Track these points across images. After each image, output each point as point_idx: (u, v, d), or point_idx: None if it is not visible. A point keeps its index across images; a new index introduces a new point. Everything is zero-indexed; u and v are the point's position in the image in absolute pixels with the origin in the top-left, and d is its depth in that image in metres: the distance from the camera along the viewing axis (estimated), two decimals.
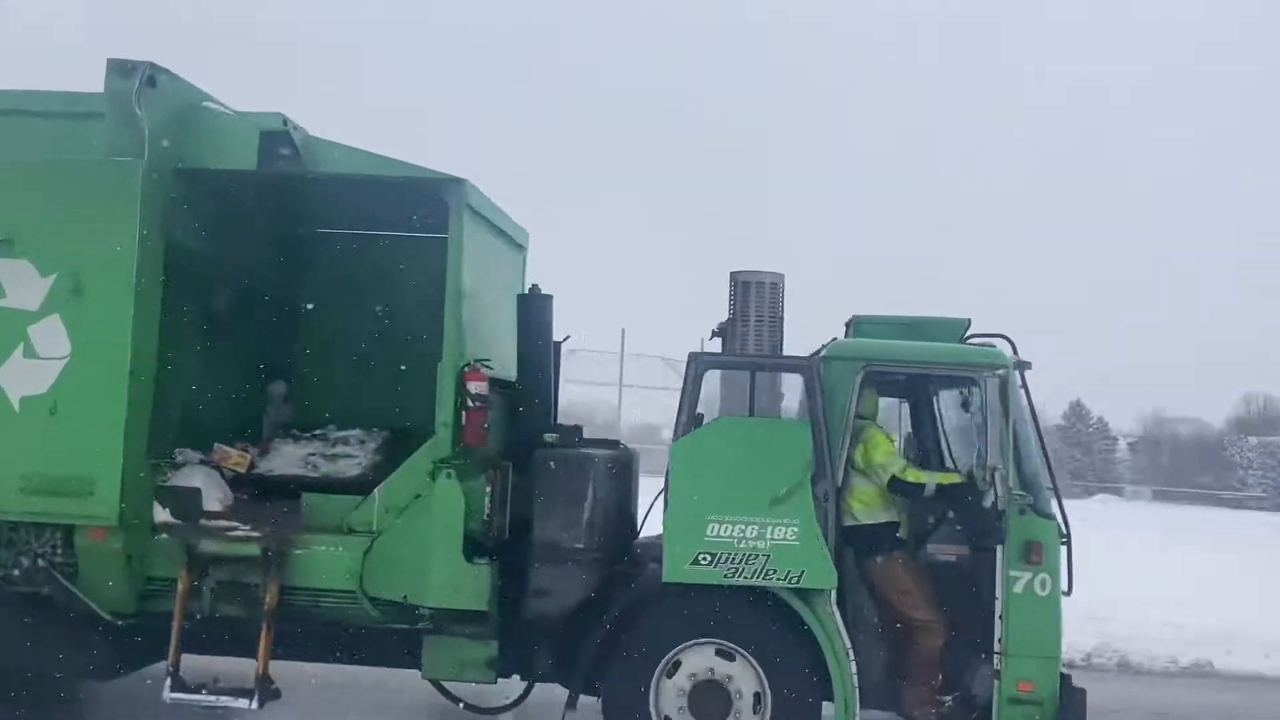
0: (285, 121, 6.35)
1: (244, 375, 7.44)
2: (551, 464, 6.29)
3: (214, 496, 6.38)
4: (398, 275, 7.50)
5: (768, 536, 5.89)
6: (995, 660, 5.96)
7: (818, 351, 6.47)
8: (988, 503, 5.91)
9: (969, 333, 6.57)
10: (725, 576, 5.91)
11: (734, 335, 6.64)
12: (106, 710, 7.27)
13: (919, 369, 6.45)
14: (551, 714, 6.39)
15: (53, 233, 6.09)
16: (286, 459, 6.92)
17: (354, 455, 6.89)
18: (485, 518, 6.22)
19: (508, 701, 6.77)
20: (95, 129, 6.25)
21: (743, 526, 5.92)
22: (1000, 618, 5.96)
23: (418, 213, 7.03)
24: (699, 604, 6.03)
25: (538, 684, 6.62)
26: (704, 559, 5.92)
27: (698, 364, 6.28)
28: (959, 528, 6.45)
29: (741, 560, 5.90)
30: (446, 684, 6.74)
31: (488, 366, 6.42)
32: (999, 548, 5.97)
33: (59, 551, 6.17)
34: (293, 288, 7.76)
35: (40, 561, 6.17)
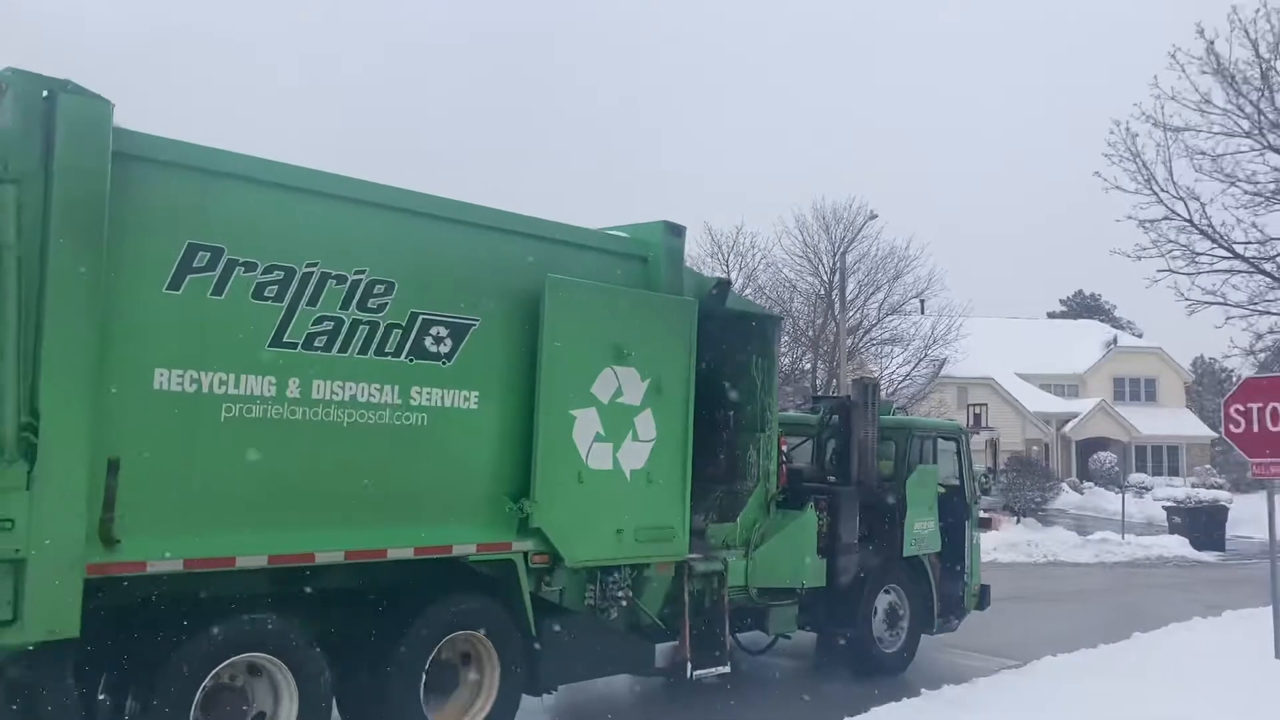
0: (727, 281, 9.26)
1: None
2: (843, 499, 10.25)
3: None
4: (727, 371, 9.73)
5: None
6: (965, 572, 11.76)
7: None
8: (966, 500, 11.72)
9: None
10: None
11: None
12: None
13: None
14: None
15: (647, 346, 8.22)
16: None
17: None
18: (822, 528, 9.98)
19: (763, 647, 10.42)
20: (616, 263, 8.41)
21: None
22: (968, 553, 11.80)
23: (749, 333, 9.73)
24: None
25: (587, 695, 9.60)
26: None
27: None
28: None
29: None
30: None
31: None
32: (968, 521, 11.81)
33: (628, 584, 8.30)
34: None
35: (618, 592, 8.23)
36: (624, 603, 8.27)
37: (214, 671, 6.01)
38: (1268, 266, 13.43)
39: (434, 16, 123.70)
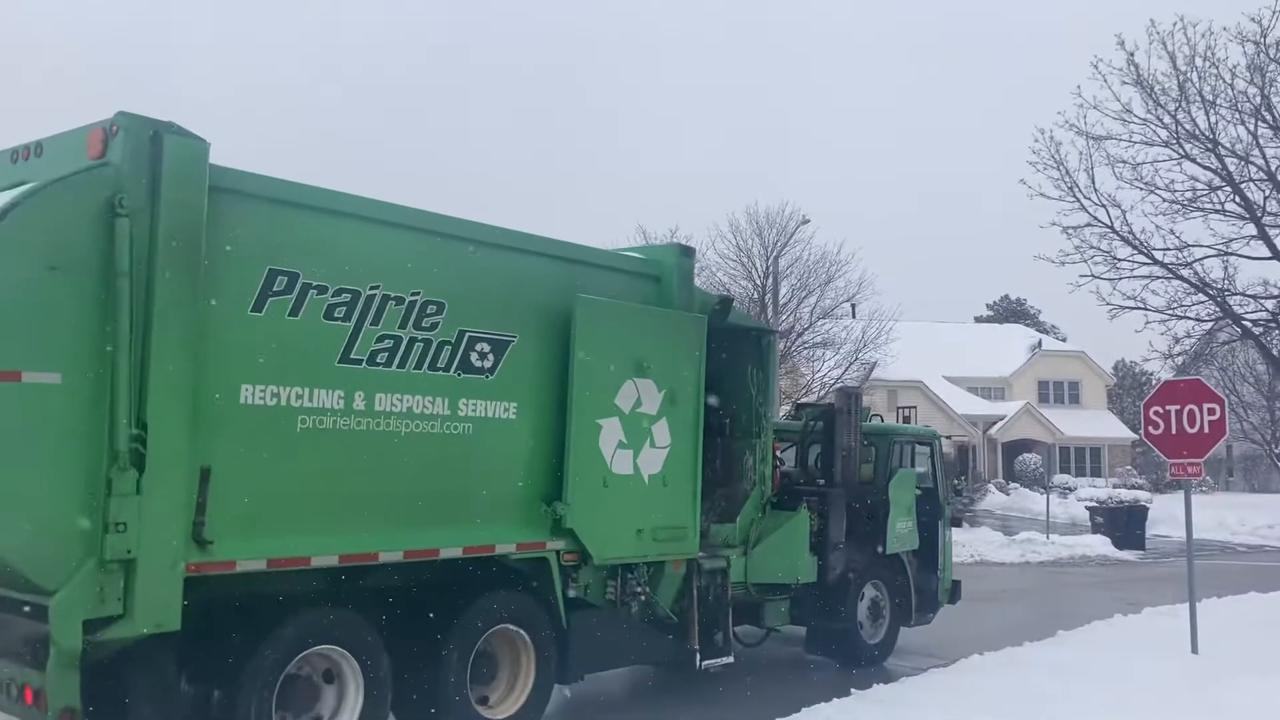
0: (730, 298, 9.93)
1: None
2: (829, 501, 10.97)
3: None
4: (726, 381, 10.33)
5: None
6: (938, 568, 12.57)
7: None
8: (940, 501, 12.53)
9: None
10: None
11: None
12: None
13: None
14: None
15: (663, 359, 8.88)
16: None
17: None
18: (813, 528, 10.70)
19: (757, 640, 11.12)
20: (634, 282, 9.08)
21: None
22: (941, 550, 12.62)
23: (747, 346, 10.38)
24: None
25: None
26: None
27: None
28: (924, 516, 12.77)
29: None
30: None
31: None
32: (941, 520, 12.63)
33: (645, 580, 8.95)
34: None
35: (638, 589, 8.87)
36: (642, 598, 8.92)
37: (292, 662, 6.56)
38: (1185, 272, 14.08)
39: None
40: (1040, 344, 59.68)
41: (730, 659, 9.66)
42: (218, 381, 6.28)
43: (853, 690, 9.26)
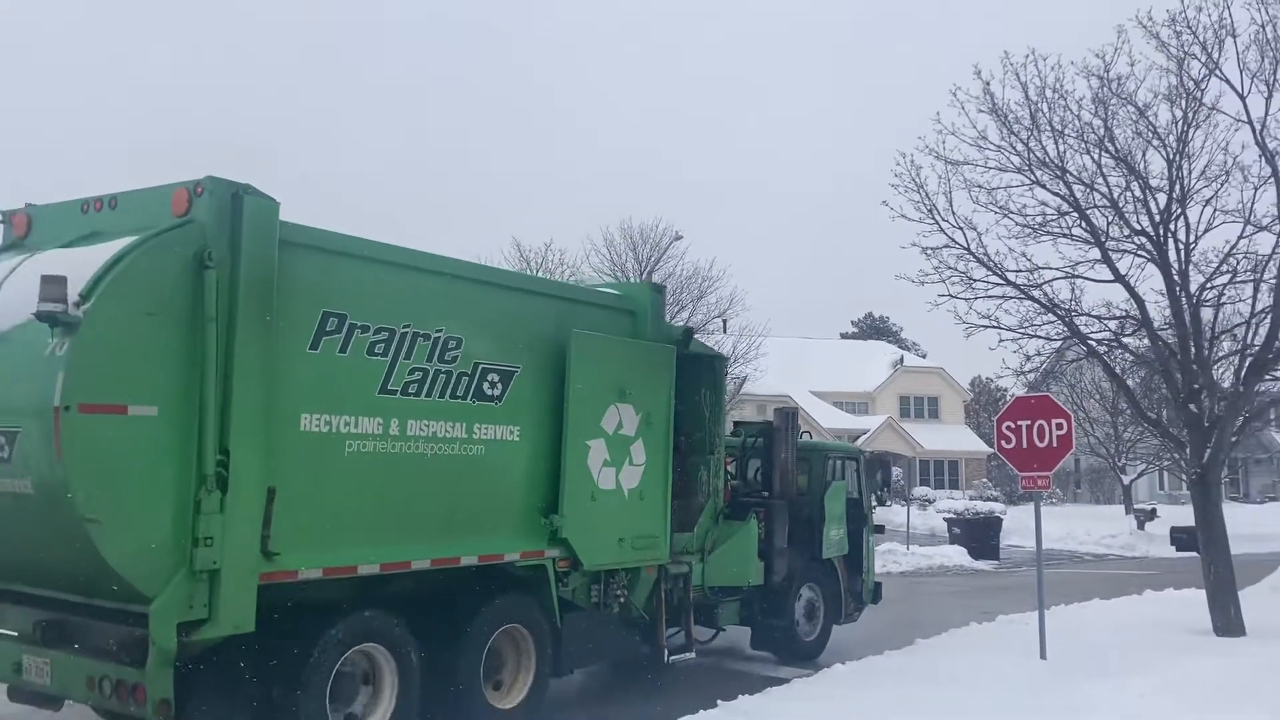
0: (691, 329, 11.04)
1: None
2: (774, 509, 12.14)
3: None
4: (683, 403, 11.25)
5: None
6: (863, 571, 13.90)
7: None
8: (864, 510, 13.88)
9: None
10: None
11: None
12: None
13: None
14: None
15: (640, 386, 9.95)
16: None
17: None
18: (760, 535, 11.86)
19: (709, 638, 12.22)
20: (610, 316, 10.13)
21: None
22: (866, 555, 13.96)
23: (701, 372, 11.33)
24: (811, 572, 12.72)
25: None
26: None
27: None
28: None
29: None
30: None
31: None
32: (865, 528, 13.97)
33: (624, 584, 10.00)
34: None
35: (618, 592, 9.92)
36: (621, 600, 9.98)
37: (342, 658, 7.42)
38: (1035, 293, 14.23)
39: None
40: (902, 361, 62.14)
41: (692, 654, 10.80)
42: (283, 412, 7.12)
43: (719, 702, 9.30)
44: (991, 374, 60.73)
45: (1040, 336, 14.60)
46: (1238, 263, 13.73)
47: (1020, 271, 14.18)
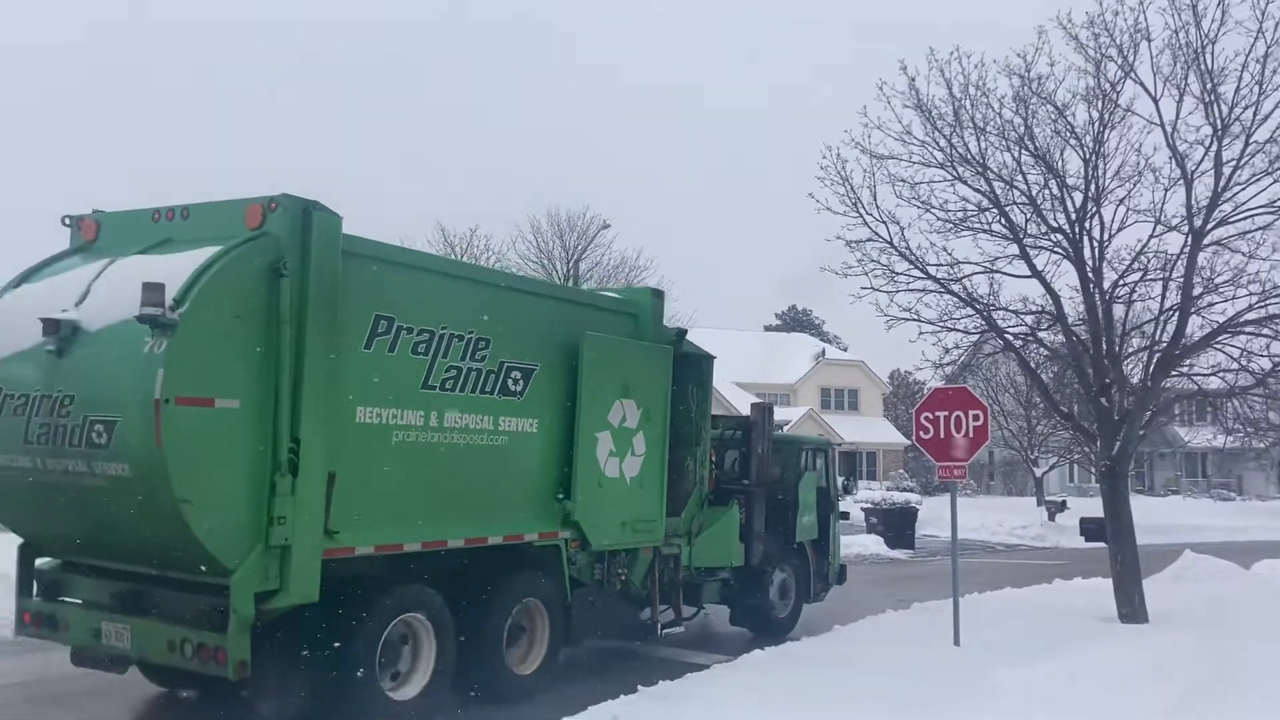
0: (684, 331, 11.97)
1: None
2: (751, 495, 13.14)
3: None
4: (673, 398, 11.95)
5: None
6: (829, 554, 14.96)
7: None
8: (832, 499, 14.95)
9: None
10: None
11: None
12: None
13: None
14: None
15: (642, 383, 10.87)
16: None
17: None
18: (741, 521, 12.85)
19: (692, 614, 13.17)
20: (615, 319, 11.04)
21: None
22: (832, 540, 15.03)
23: (689, 369, 12.29)
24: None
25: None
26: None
27: None
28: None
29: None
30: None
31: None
32: (832, 515, 15.04)
33: (624, 563, 10.94)
34: None
35: (619, 570, 10.86)
36: (622, 578, 10.92)
37: (390, 625, 8.26)
38: (955, 288, 14.32)
39: None
40: (824, 353, 63.34)
41: (682, 629, 11.79)
42: (342, 405, 7.93)
43: (639, 688, 9.31)
44: (910, 367, 61.65)
45: (959, 330, 14.70)
46: (1148, 261, 14.03)
47: (941, 266, 14.25)
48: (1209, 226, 13.60)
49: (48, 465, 7.50)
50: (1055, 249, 14.24)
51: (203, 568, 7.32)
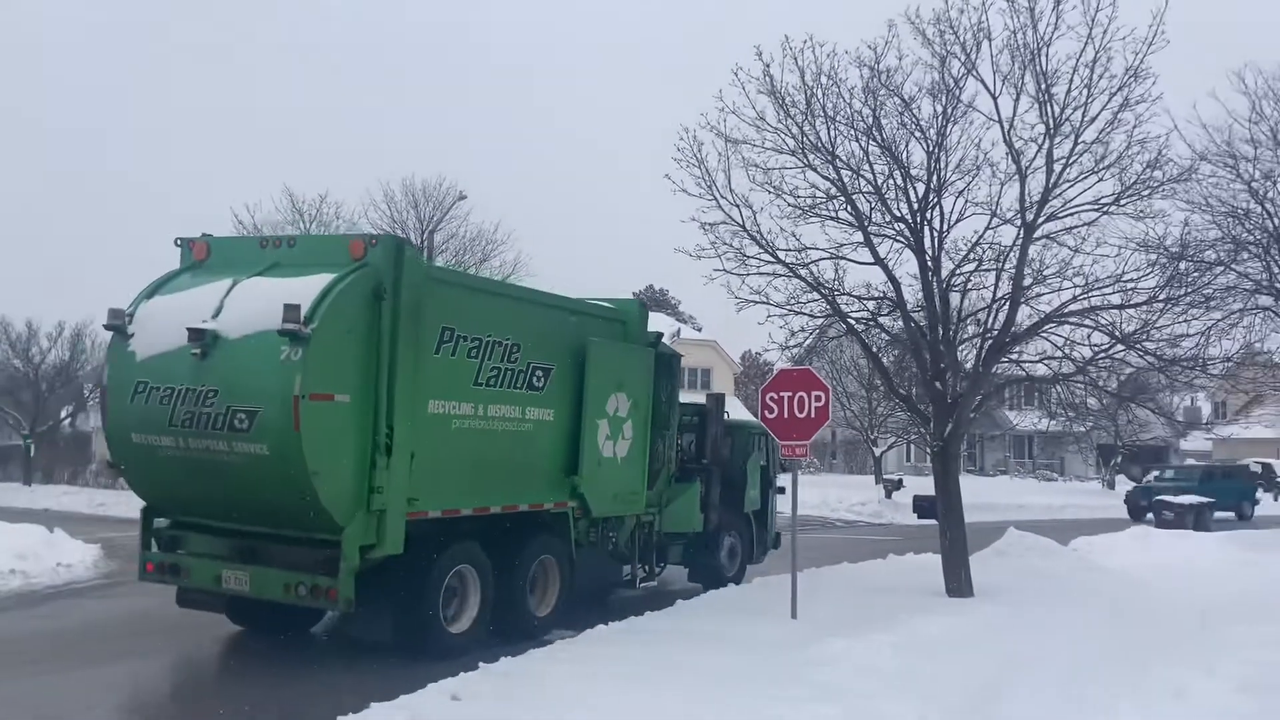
0: (659, 334, 14.20)
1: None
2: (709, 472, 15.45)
3: None
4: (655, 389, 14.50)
5: None
6: (767, 524, 17.41)
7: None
8: (771, 475, 17.40)
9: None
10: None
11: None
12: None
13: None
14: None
15: (631, 379, 13.10)
16: None
17: None
18: (702, 495, 15.18)
19: (660, 571, 15.47)
20: (610, 325, 13.25)
21: None
22: (770, 511, 17.48)
23: (661, 365, 14.50)
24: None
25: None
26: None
27: None
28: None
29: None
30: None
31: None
32: (771, 489, 17.49)
33: (615, 528, 13.20)
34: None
35: (610, 534, 13.12)
36: (612, 540, 13.18)
37: (449, 574, 10.39)
38: (803, 272, 14.54)
39: None
40: (679, 333, 64.45)
41: (654, 583, 14.12)
42: (418, 399, 10.00)
43: (480, 664, 9.18)
44: (760, 348, 61.94)
45: (805, 314, 14.92)
46: (983, 252, 14.25)
47: (790, 250, 14.43)
48: (1040, 221, 13.99)
49: (190, 444, 9.44)
50: (898, 238, 14.43)
51: (321, 526, 9.35)
